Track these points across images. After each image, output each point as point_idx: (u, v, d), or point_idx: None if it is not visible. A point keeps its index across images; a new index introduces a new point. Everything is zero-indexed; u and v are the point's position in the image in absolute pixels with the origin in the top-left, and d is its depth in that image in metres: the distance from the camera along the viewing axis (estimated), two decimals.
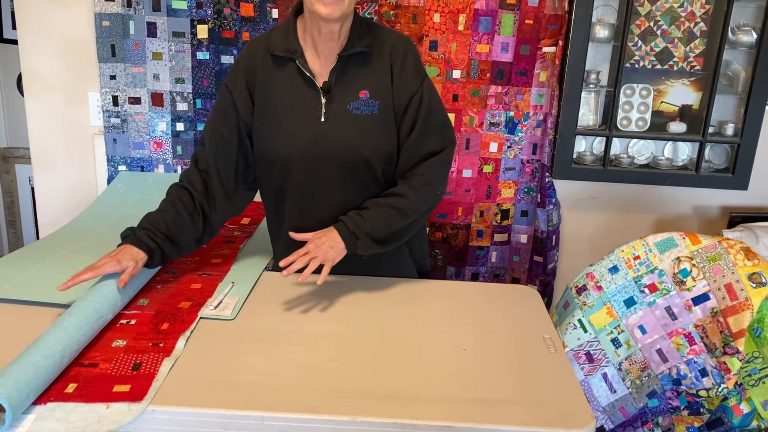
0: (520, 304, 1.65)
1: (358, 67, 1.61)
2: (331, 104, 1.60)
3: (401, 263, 1.81)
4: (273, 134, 1.63)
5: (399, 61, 1.62)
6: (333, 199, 1.66)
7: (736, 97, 2.57)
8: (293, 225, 1.68)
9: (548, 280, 2.73)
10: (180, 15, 2.45)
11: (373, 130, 1.61)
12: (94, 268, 1.47)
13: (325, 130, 1.60)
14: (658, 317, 1.88)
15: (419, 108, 1.63)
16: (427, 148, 1.65)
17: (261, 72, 1.62)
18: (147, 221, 1.60)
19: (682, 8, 2.49)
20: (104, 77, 2.50)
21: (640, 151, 2.66)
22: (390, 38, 1.64)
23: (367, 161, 1.62)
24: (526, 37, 2.46)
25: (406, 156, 1.66)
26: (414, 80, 1.63)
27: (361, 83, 1.61)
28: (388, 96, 1.62)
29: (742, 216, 2.67)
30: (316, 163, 1.62)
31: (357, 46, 1.59)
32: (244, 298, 1.59)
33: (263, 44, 1.63)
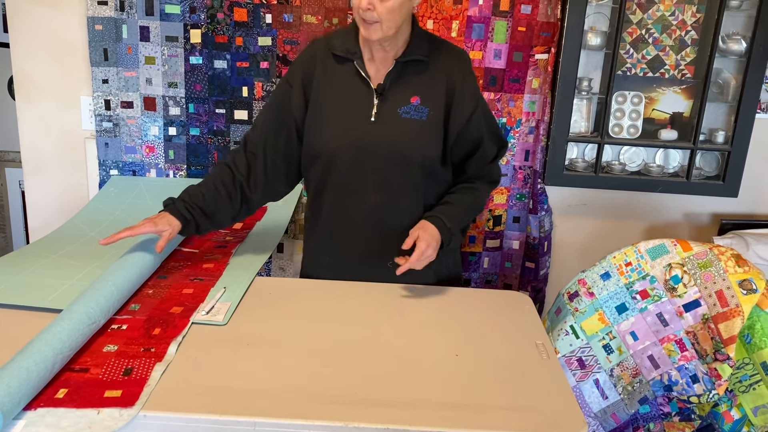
0: (513, 310, 1.65)
1: (413, 74, 1.68)
2: (383, 106, 1.67)
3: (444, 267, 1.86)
4: (323, 128, 1.70)
5: (459, 76, 1.70)
6: (367, 200, 1.72)
7: (726, 105, 2.58)
8: (327, 222, 1.78)
9: (540, 286, 2.74)
10: (173, 19, 2.44)
11: (419, 134, 1.68)
12: (132, 228, 1.62)
13: (373, 130, 1.67)
14: (650, 323, 1.89)
15: (482, 122, 1.74)
16: (491, 154, 1.80)
17: (320, 70, 1.70)
18: (187, 194, 1.72)
19: (673, 17, 2.51)
20: (96, 81, 2.49)
21: (632, 158, 2.68)
22: (451, 53, 1.74)
23: (408, 164, 1.69)
24: (519, 44, 2.47)
25: (477, 164, 1.78)
26: (473, 96, 1.72)
27: (414, 89, 1.68)
28: (440, 106, 1.69)
29: (733, 223, 2.68)
30: (359, 160, 1.69)
31: (415, 54, 1.66)
32: (236, 303, 1.58)
33: (325, 44, 1.72)
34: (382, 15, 1.54)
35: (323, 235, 1.82)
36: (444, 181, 1.79)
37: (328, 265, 1.83)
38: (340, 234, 1.79)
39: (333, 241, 1.80)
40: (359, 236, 1.77)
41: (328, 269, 1.83)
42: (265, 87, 2.51)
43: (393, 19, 1.56)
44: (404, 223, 1.71)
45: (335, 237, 1.80)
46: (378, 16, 1.54)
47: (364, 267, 1.77)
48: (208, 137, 2.56)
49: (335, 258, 1.82)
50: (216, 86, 2.51)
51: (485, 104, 1.79)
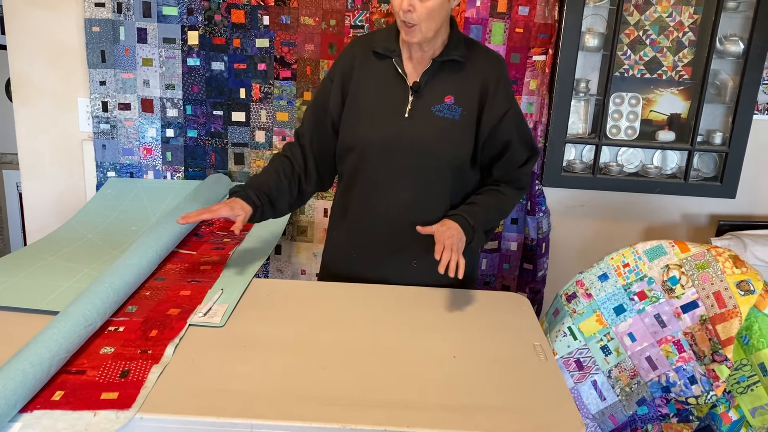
0: (510, 312, 1.65)
1: (448, 74, 1.71)
2: (418, 103, 1.70)
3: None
4: (357, 121, 1.74)
5: (494, 79, 1.72)
6: (396, 196, 1.74)
7: (724, 107, 2.59)
8: (355, 216, 1.81)
9: (538, 287, 2.74)
10: (170, 21, 2.44)
11: (451, 133, 1.70)
12: (210, 211, 1.66)
13: (406, 125, 1.70)
14: (648, 325, 1.89)
15: (513, 125, 1.74)
16: (521, 159, 1.80)
17: (358, 67, 1.75)
18: (254, 182, 1.77)
19: (670, 18, 2.51)
20: (94, 83, 2.49)
21: (630, 159, 2.68)
22: (487, 55, 1.76)
23: (437, 161, 1.71)
24: (517, 45, 2.47)
25: (504, 167, 1.79)
26: (506, 99, 1.74)
27: (449, 89, 1.71)
28: (474, 107, 1.71)
29: (730, 224, 2.69)
30: (390, 154, 1.71)
31: (452, 55, 1.69)
32: (233, 305, 1.58)
33: (365, 42, 1.77)
34: (422, 17, 1.56)
35: (351, 229, 1.84)
36: (472, 182, 1.81)
37: (352, 260, 1.84)
38: (368, 228, 1.80)
39: (360, 235, 1.82)
40: (386, 231, 1.78)
41: (352, 264, 1.84)
42: (262, 88, 2.51)
43: (432, 20, 1.58)
44: (431, 220, 1.72)
45: (362, 231, 1.81)
46: (417, 18, 1.57)
47: (389, 264, 1.80)
48: (205, 139, 2.56)
49: (361, 252, 1.83)
50: (213, 88, 2.51)
51: (519, 110, 1.79)
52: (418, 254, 1.76)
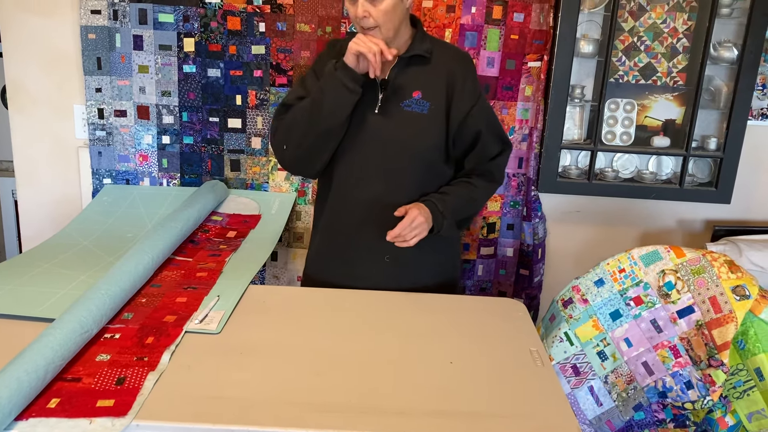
0: (507, 318, 1.66)
1: (416, 70, 1.77)
2: (387, 99, 1.75)
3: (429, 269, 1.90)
4: None
5: (461, 73, 1.78)
6: (368, 189, 1.78)
7: (718, 112, 2.60)
8: (331, 213, 1.85)
9: (534, 293, 2.74)
10: (166, 28, 2.45)
11: (419, 127, 1.75)
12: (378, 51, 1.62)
13: (377, 121, 1.75)
14: (644, 330, 1.89)
15: (482, 117, 1.80)
16: (492, 152, 1.85)
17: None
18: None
19: (664, 24, 2.53)
20: (90, 90, 2.49)
21: (625, 165, 2.69)
22: (453, 51, 1.84)
23: (408, 154, 1.76)
24: (512, 52, 2.48)
25: (476, 159, 1.84)
26: (474, 91, 1.80)
27: (416, 84, 1.76)
28: (441, 101, 1.76)
29: (726, 229, 2.69)
30: (362, 150, 1.76)
31: (417, 50, 1.75)
32: (229, 311, 1.58)
33: (339, 44, 1.81)
34: (379, 19, 1.63)
35: (327, 227, 1.88)
36: (446, 178, 1.85)
37: (330, 260, 1.89)
38: (343, 225, 1.84)
39: (336, 232, 1.86)
40: (360, 227, 1.81)
41: (329, 264, 1.89)
42: (258, 95, 2.51)
43: (390, 21, 1.65)
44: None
45: (338, 228, 1.85)
46: (375, 22, 1.63)
47: (362, 259, 1.83)
48: (201, 146, 2.56)
49: (337, 251, 1.87)
50: (209, 95, 2.51)
51: (488, 104, 1.86)
52: (391, 248, 1.77)
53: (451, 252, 1.97)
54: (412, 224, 1.67)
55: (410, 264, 1.84)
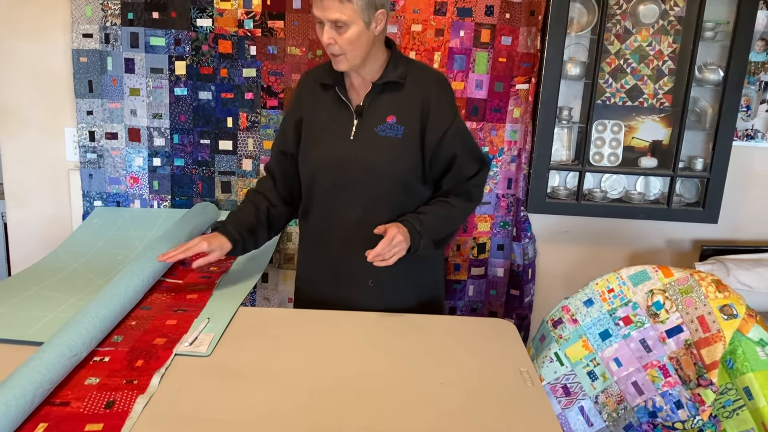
0: (497, 338, 1.66)
1: (389, 95, 1.78)
2: (362, 125, 1.78)
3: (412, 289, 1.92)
4: (309, 149, 1.83)
5: (434, 96, 1.79)
6: (347, 215, 1.80)
7: (704, 133, 2.63)
8: (314, 238, 1.89)
9: (525, 313, 2.74)
10: (158, 51, 2.46)
11: (395, 151, 1.77)
12: (187, 248, 1.75)
13: (352, 147, 1.78)
14: (633, 350, 1.90)
15: (457, 139, 1.81)
16: (469, 172, 1.86)
17: (309, 100, 1.85)
18: (233, 218, 1.87)
19: (650, 47, 2.57)
20: (81, 113, 2.50)
21: (613, 185, 2.71)
22: (427, 73, 1.84)
23: (385, 179, 1.78)
24: (500, 74, 2.51)
25: (453, 180, 1.85)
26: (448, 114, 1.80)
27: (390, 109, 1.78)
28: (416, 124, 1.77)
29: (714, 249, 2.72)
30: (340, 177, 1.79)
31: (391, 77, 1.76)
32: (219, 334, 1.58)
33: (312, 76, 1.88)
34: (344, 47, 1.66)
35: (312, 252, 1.92)
36: (423, 197, 1.86)
37: (317, 283, 1.91)
38: (326, 251, 1.86)
39: (320, 258, 1.88)
40: (340, 251, 1.84)
41: (317, 286, 1.91)
42: (249, 117, 2.52)
43: (355, 49, 1.67)
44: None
45: (322, 254, 1.88)
46: (340, 49, 1.67)
47: (346, 285, 1.86)
48: (192, 168, 2.57)
49: (323, 275, 1.89)
50: (201, 117, 2.53)
51: (463, 125, 1.86)
52: (374, 272, 1.78)
53: (434, 272, 1.99)
54: (391, 243, 1.68)
55: (394, 286, 1.86)
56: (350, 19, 1.62)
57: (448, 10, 2.44)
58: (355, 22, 1.63)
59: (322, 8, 1.63)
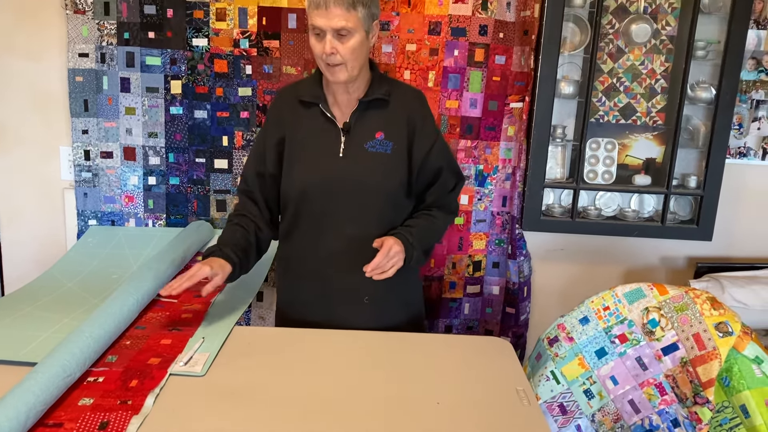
0: (493, 357, 1.65)
1: (375, 112, 1.80)
2: (350, 142, 1.78)
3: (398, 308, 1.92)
4: (294, 168, 1.81)
5: (419, 112, 1.84)
6: (341, 232, 1.80)
7: (697, 151, 2.65)
8: (303, 258, 1.85)
9: (521, 331, 2.74)
10: (154, 71, 2.47)
11: (385, 166, 1.79)
12: (190, 277, 1.67)
13: (342, 164, 1.77)
14: (629, 368, 1.90)
15: (442, 153, 1.86)
16: (450, 185, 1.91)
17: (290, 118, 1.82)
18: (227, 240, 1.80)
19: (643, 66, 2.59)
20: (76, 132, 2.50)
21: (607, 203, 2.72)
22: (409, 91, 1.88)
23: (377, 194, 1.79)
24: (494, 93, 2.53)
25: (437, 193, 1.89)
26: (433, 130, 1.86)
27: (378, 126, 1.80)
28: (403, 140, 1.81)
29: (708, 266, 2.72)
30: (331, 194, 1.78)
31: (377, 94, 1.79)
32: (214, 353, 1.57)
33: (291, 92, 1.86)
34: (346, 56, 1.67)
35: (298, 273, 1.88)
36: (408, 210, 1.89)
37: (305, 304, 1.87)
38: (317, 269, 1.84)
39: (308, 278, 1.86)
40: (335, 269, 1.82)
41: (304, 308, 1.87)
42: (245, 136, 2.53)
43: (356, 59, 1.69)
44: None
45: (310, 274, 1.85)
46: (342, 58, 1.67)
47: (341, 303, 1.84)
48: (187, 186, 2.57)
49: (312, 295, 1.86)
50: (196, 136, 2.53)
51: (444, 139, 1.91)
52: (369, 289, 1.80)
53: (419, 289, 2.02)
54: (389, 254, 1.69)
55: (387, 304, 1.86)
56: (354, 27, 1.65)
57: (442, 29, 2.47)
58: (357, 30, 1.66)
59: (327, 17, 1.63)
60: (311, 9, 1.65)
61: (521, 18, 2.47)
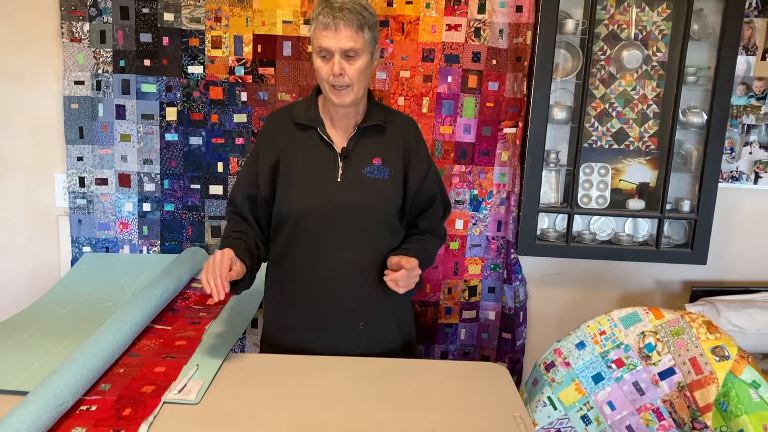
0: (490, 382, 1.65)
1: (372, 138, 1.82)
2: (348, 167, 1.79)
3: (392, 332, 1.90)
4: (290, 191, 1.79)
5: (414, 140, 1.88)
6: (339, 257, 1.79)
7: (690, 175, 2.66)
8: (298, 283, 1.82)
9: (517, 357, 2.73)
10: (149, 98, 2.49)
11: (383, 192, 1.80)
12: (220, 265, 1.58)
13: (340, 189, 1.78)
14: (626, 393, 1.89)
15: (435, 180, 1.90)
16: (441, 212, 1.96)
17: (284, 141, 1.81)
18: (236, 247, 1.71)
19: (634, 91, 2.62)
20: (71, 159, 2.50)
21: (602, 227, 2.73)
22: (402, 118, 1.92)
23: (375, 219, 1.80)
24: (488, 119, 2.55)
25: (430, 219, 1.93)
26: (426, 157, 1.90)
27: (375, 151, 1.81)
28: (399, 166, 1.83)
29: (703, 290, 2.72)
30: (328, 218, 1.77)
31: (374, 120, 1.81)
32: (209, 381, 1.55)
33: (286, 115, 1.85)
34: (353, 77, 1.68)
35: (290, 299, 1.85)
36: (401, 235, 1.90)
37: (297, 330, 1.84)
38: (311, 296, 1.82)
39: (302, 304, 1.83)
40: (331, 295, 1.81)
41: (296, 334, 1.84)
42: (240, 162, 2.54)
43: (362, 81, 1.71)
44: (372, 277, 1.80)
45: (304, 300, 1.82)
46: (349, 80, 1.68)
47: (336, 329, 1.82)
48: (182, 212, 2.57)
49: (306, 321, 1.83)
50: (191, 162, 2.54)
51: (435, 165, 1.95)
52: (365, 315, 1.80)
53: (411, 314, 2.02)
54: (410, 273, 1.69)
55: (382, 328, 1.85)
56: (362, 49, 1.67)
57: (435, 56, 2.49)
58: (365, 52, 1.68)
59: (336, 38, 1.64)
60: (318, 31, 1.66)
61: (514, 45, 2.50)
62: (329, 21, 1.63)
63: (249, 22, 2.46)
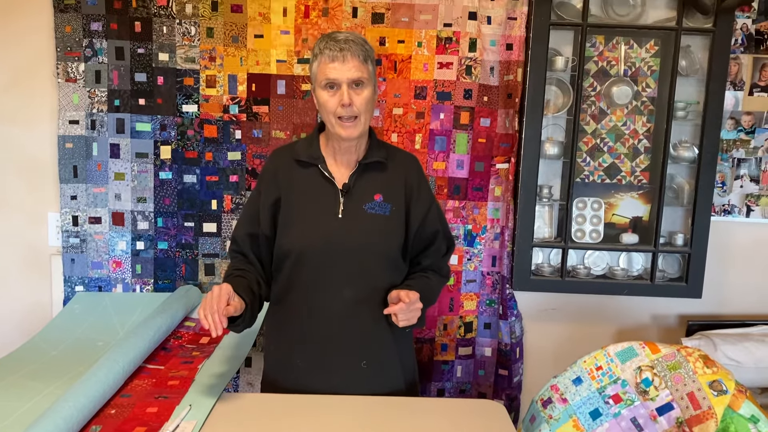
0: (487, 420, 1.63)
1: (373, 174, 1.82)
2: (349, 203, 1.78)
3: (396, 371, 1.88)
4: (291, 227, 1.78)
5: (416, 177, 1.88)
6: (339, 295, 1.76)
7: (683, 209, 2.68)
8: (299, 321, 1.79)
9: (514, 393, 2.70)
10: (144, 137, 2.50)
11: (384, 228, 1.80)
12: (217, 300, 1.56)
13: (342, 225, 1.76)
14: (625, 429, 1.86)
15: (437, 217, 1.90)
16: (444, 249, 1.94)
17: (286, 178, 1.81)
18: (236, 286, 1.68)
19: (625, 126, 2.64)
20: (65, 198, 2.50)
21: (596, 261, 2.73)
22: (403, 155, 1.92)
23: (376, 255, 1.78)
24: (480, 154, 2.57)
25: (433, 256, 1.91)
26: (429, 194, 1.90)
27: (376, 188, 1.81)
28: (401, 202, 1.83)
29: (700, 324, 2.71)
30: (330, 255, 1.75)
31: (376, 156, 1.82)
32: (202, 421, 1.53)
33: (287, 152, 1.86)
34: (360, 108, 1.70)
35: (294, 336, 1.81)
36: (404, 272, 1.89)
37: (297, 370, 1.81)
38: (312, 333, 1.79)
39: (306, 340, 1.80)
40: (333, 333, 1.78)
41: (296, 373, 1.81)
42: (234, 199, 2.54)
43: (368, 111, 1.74)
44: (375, 315, 1.78)
45: (309, 336, 1.79)
46: (357, 110, 1.70)
47: (338, 368, 1.79)
48: (176, 251, 2.56)
49: (308, 359, 1.80)
50: (185, 200, 2.54)
51: (437, 202, 1.94)
52: (367, 354, 1.78)
53: (413, 353, 1.99)
54: (411, 306, 1.68)
55: (384, 367, 1.83)
56: (368, 79, 1.71)
57: (428, 94, 2.52)
58: (370, 83, 1.71)
59: (343, 69, 1.67)
60: (324, 64, 1.69)
61: (505, 82, 2.53)
62: (336, 53, 1.66)
63: (243, 62, 2.49)
